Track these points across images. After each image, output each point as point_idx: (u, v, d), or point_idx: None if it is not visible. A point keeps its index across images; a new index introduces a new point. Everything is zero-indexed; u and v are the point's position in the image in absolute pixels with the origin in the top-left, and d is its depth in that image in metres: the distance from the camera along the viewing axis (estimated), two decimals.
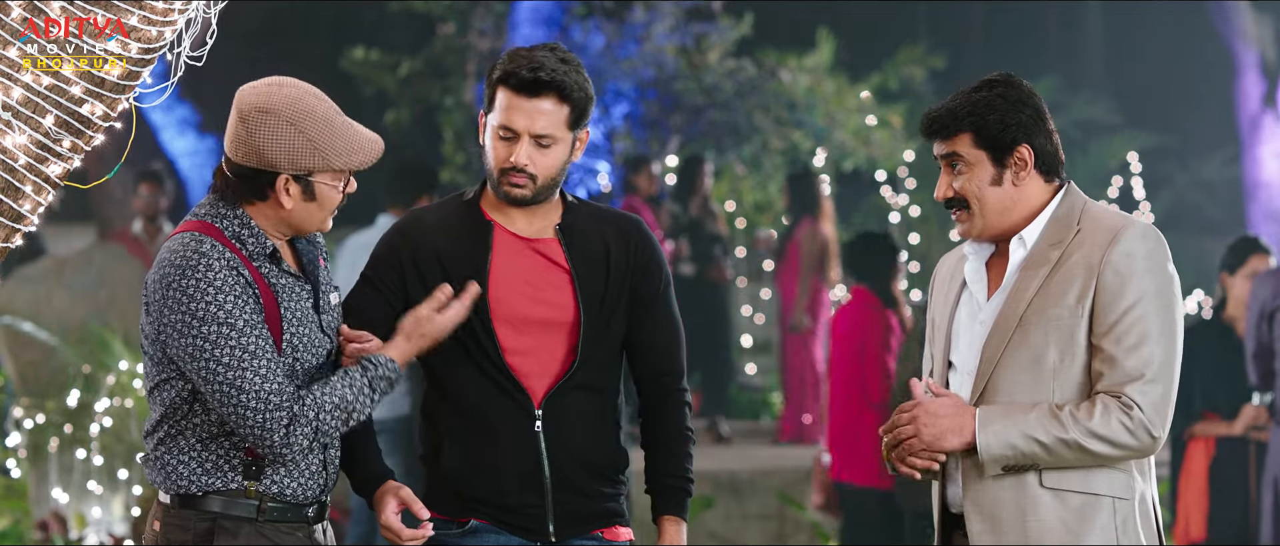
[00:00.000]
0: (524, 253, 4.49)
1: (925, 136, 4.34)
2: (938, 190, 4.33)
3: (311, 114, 4.10)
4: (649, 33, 15.35)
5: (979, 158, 4.26)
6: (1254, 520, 8.61)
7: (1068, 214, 4.27)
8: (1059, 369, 4.15)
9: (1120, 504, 4.17)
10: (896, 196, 16.78)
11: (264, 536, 4.16)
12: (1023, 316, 4.18)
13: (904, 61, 17.79)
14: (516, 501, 4.45)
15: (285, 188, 4.13)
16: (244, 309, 4.04)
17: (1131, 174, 16.63)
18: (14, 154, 3.96)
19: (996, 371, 4.19)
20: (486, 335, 4.43)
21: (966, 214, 4.29)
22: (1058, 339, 4.15)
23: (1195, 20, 19.32)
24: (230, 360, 4.02)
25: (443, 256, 4.45)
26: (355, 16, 18.96)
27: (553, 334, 4.47)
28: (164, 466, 4.15)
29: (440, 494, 4.49)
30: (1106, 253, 4.14)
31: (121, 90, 4.04)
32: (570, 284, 4.48)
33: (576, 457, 4.49)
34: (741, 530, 11.41)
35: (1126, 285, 4.12)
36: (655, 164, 14.19)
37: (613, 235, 4.54)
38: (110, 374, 10.14)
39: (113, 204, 14.07)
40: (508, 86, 4.39)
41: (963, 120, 4.26)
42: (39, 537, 10.08)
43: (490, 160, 4.44)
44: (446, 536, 4.46)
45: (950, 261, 4.49)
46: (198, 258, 4.05)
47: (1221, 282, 8.89)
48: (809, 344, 13.12)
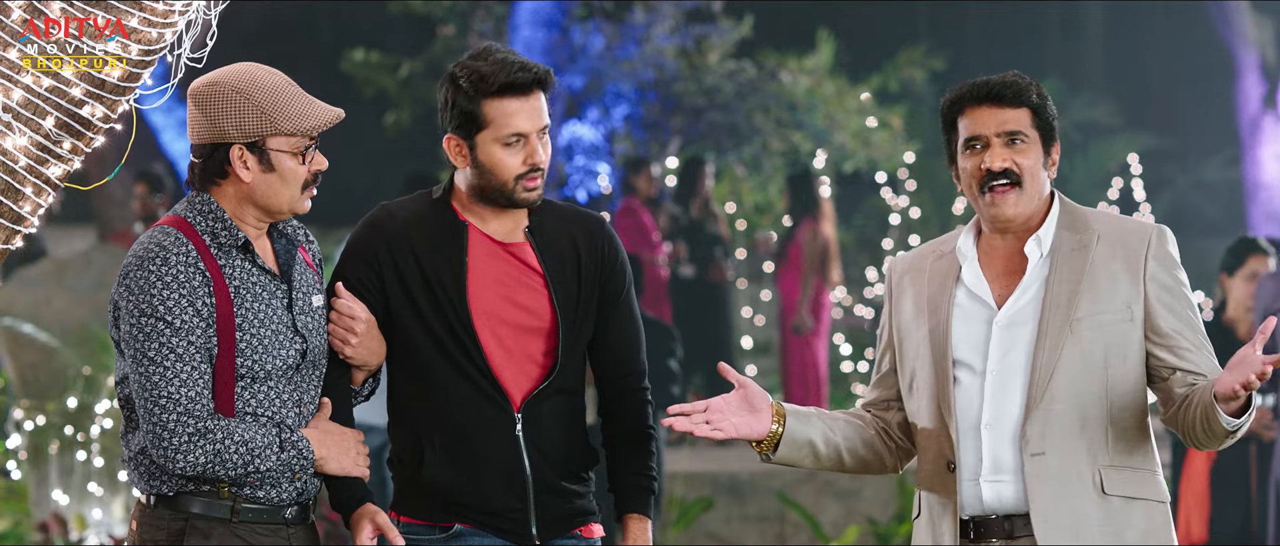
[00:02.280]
0: (498, 256, 4.45)
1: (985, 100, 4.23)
2: (993, 160, 4.21)
3: (258, 82, 4.09)
4: (649, 34, 15.35)
5: (1035, 139, 4.24)
6: (1255, 521, 8.60)
7: (1073, 218, 4.27)
8: (1110, 367, 4.18)
9: (1160, 509, 4.23)
10: (897, 198, 16.78)
11: (237, 537, 4.13)
12: (1073, 321, 4.18)
13: (904, 63, 17.80)
14: (500, 505, 4.42)
15: (242, 159, 4.10)
16: (186, 310, 4.01)
17: (1132, 175, 16.62)
18: (14, 156, 3.96)
19: (1055, 374, 4.17)
20: (469, 338, 4.39)
21: (1016, 192, 4.23)
22: (1106, 341, 4.18)
23: (1195, 22, 19.32)
24: (156, 356, 4.00)
25: (419, 256, 4.41)
26: (355, 18, 18.98)
27: (530, 338, 4.45)
28: (140, 467, 4.15)
29: (420, 498, 4.43)
30: (1146, 256, 4.21)
31: (122, 92, 4.03)
32: (545, 288, 4.45)
33: (554, 459, 4.47)
34: (741, 531, 11.40)
35: (1177, 288, 4.23)
36: (655, 165, 14.19)
37: (580, 236, 4.52)
38: (110, 375, 10.14)
39: (113, 206, 14.10)
40: (506, 94, 4.35)
41: (1021, 95, 4.23)
42: (39, 539, 10.08)
43: (501, 173, 4.38)
44: (431, 541, 4.43)
45: (913, 265, 4.41)
46: (157, 250, 4.04)
47: (1221, 284, 8.88)
48: (811, 345, 13.11)
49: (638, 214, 13.32)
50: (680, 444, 12.91)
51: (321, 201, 4.34)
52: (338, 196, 7.94)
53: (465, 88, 4.39)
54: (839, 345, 15.25)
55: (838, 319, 14.78)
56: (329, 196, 5.15)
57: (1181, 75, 21.88)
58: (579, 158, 15.02)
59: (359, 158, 17.11)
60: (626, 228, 13.24)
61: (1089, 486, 4.17)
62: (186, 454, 4.02)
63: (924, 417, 4.31)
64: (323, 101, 4.19)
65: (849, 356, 15.64)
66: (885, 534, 11.17)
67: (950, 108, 4.30)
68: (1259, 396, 8.51)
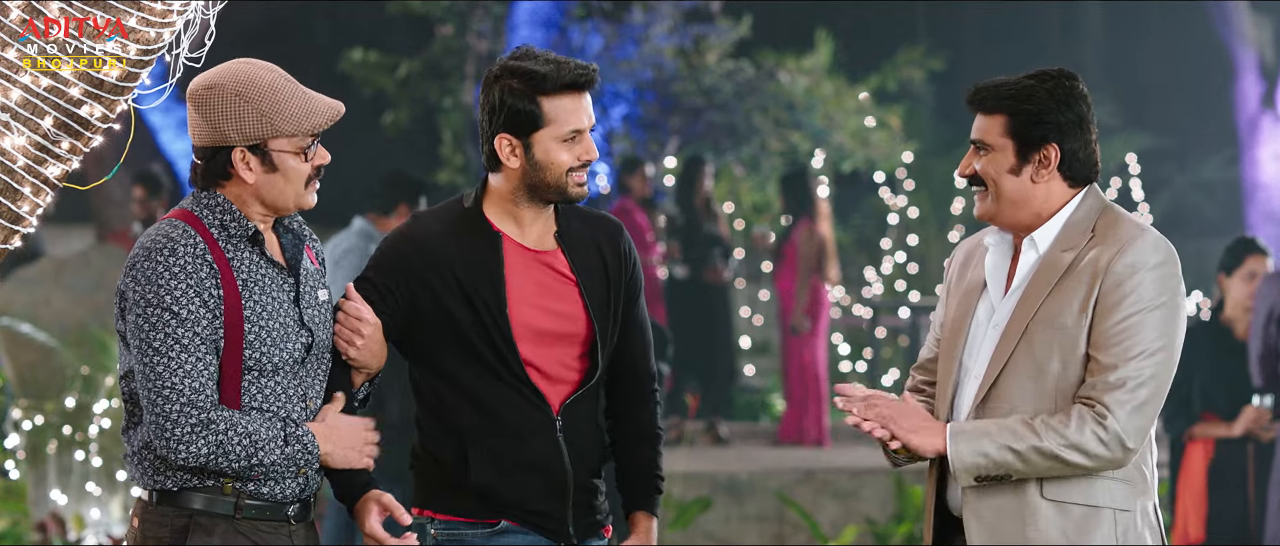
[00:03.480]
0: (533, 265, 4.52)
1: (969, 104, 4.30)
2: (961, 167, 4.32)
3: (256, 83, 4.08)
4: (647, 34, 15.35)
5: (1004, 145, 4.23)
6: (1253, 522, 8.60)
7: (1083, 219, 4.23)
8: (1061, 378, 4.13)
9: (1121, 515, 4.16)
10: (895, 198, 16.79)
11: (241, 534, 4.13)
12: (1030, 324, 4.16)
13: (903, 63, 17.80)
14: (543, 505, 4.51)
15: (244, 161, 4.10)
16: (193, 301, 4.02)
17: (1130, 175, 16.63)
18: (12, 155, 3.95)
19: (1002, 378, 4.17)
20: (509, 349, 4.45)
21: (986, 194, 4.27)
22: (1061, 348, 4.13)
23: (1194, 22, 19.32)
24: (162, 346, 4.00)
25: (458, 272, 4.46)
26: (354, 18, 18.97)
27: (566, 344, 4.53)
28: (142, 462, 4.14)
29: (464, 498, 4.50)
30: (1112, 261, 4.11)
31: (120, 91, 4.03)
32: (579, 296, 4.53)
33: (589, 458, 4.58)
34: (740, 531, 11.40)
35: (1125, 295, 4.09)
36: (650, 166, 14.19)
37: (604, 240, 4.61)
38: (109, 375, 10.14)
39: (112, 205, 14.09)
40: (568, 91, 4.41)
41: (1002, 101, 4.23)
42: (37, 539, 10.07)
43: (554, 171, 4.43)
44: (476, 538, 4.50)
45: (967, 250, 4.44)
46: (165, 242, 4.04)
47: (1219, 284, 8.87)
48: (809, 344, 13.11)
49: (632, 214, 13.32)
50: (678, 443, 12.91)
51: (320, 201, 4.33)
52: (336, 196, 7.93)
53: (519, 88, 4.41)
54: (837, 345, 15.26)
55: (836, 319, 14.78)
56: (327, 196, 5.14)
57: (1180, 75, 21.88)
58: None
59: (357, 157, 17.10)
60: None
61: (1027, 489, 4.15)
62: (189, 444, 4.02)
63: (938, 409, 4.35)
64: (322, 95, 4.19)
65: (847, 356, 15.64)
66: (883, 534, 11.17)
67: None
68: (1258, 397, 8.52)
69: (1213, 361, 8.67)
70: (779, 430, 13.47)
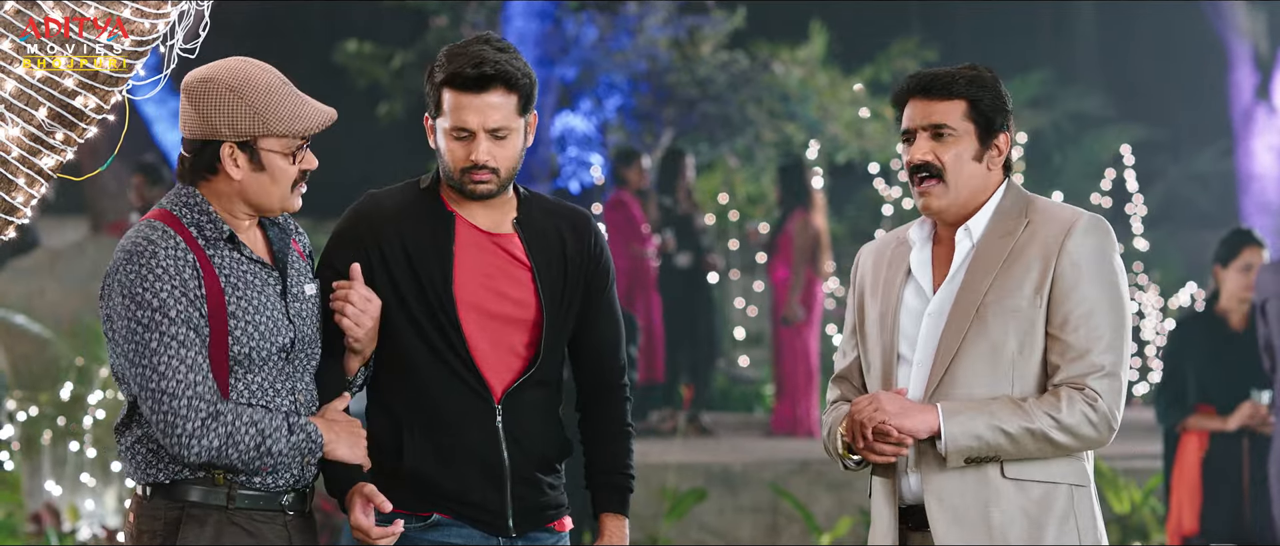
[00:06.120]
0: (486, 247, 4.46)
1: (916, 94, 4.29)
2: (914, 153, 4.28)
3: (252, 80, 4.09)
4: (642, 25, 15.35)
5: (968, 130, 4.27)
6: (1247, 514, 8.61)
7: (1013, 206, 4.29)
8: (1018, 360, 4.18)
9: (1077, 491, 4.23)
10: (889, 189, 16.79)
11: (235, 524, 4.13)
12: (980, 307, 4.19)
13: (897, 54, 17.80)
14: (479, 496, 4.44)
15: (232, 157, 4.10)
16: (180, 300, 4.01)
17: (1124, 167, 16.63)
18: (7, 146, 3.95)
19: (955, 362, 4.20)
20: (453, 328, 4.40)
21: (939, 186, 4.27)
22: (1017, 329, 4.18)
23: (1188, 13, 19.32)
24: (158, 346, 4.00)
25: (407, 246, 4.42)
26: (348, 9, 18.96)
27: (513, 329, 4.46)
28: (135, 457, 4.14)
29: (399, 487, 4.41)
30: (1063, 243, 4.18)
31: (115, 83, 4.03)
32: (532, 280, 4.47)
33: (531, 450, 4.48)
34: (734, 523, 11.41)
35: (1083, 277, 4.17)
36: (646, 157, 14.19)
37: (567, 230, 4.54)
38: (103, 366, 10.14)
39: (106, 196, 14.08)
40: (454, 87, 4.34)
41: (962, 88, 4.26)
42: (32, 530, 10.07)
43: (448, 162, 4.40)
44: (408, 529, 4.41)
45: (878, 250, 4.47)
46: (145, 244, 4.04)
47: (1214, 275, 8.88)
48: (802, 335, 13.11)
49: (628, 206, 13.32)
50: (672, 434, 12.92)
51: (313, 193, 4.34)
52: (330, 188, 7.92)
53: (432, 73, 4.41)
54: (831, 335, 15.26)
55: (830, 309, 14.78)
56: (321, 189, 5.15)
57: (1174, 66, 21.89)
58: (572, 149, 15.03)
59: (352, 149, 17.09)
60: (617, 220, 13.24)
61: (987, 469, 4.18)
62: (200, 438, 4.02)
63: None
64: (315, 100, 4.19)
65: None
66: None
67: (894, 101, 4.38)
68: (1256, 392, 8.52)
69: (1208, 353, 8.67)
70: (772, 421, 13.48)
